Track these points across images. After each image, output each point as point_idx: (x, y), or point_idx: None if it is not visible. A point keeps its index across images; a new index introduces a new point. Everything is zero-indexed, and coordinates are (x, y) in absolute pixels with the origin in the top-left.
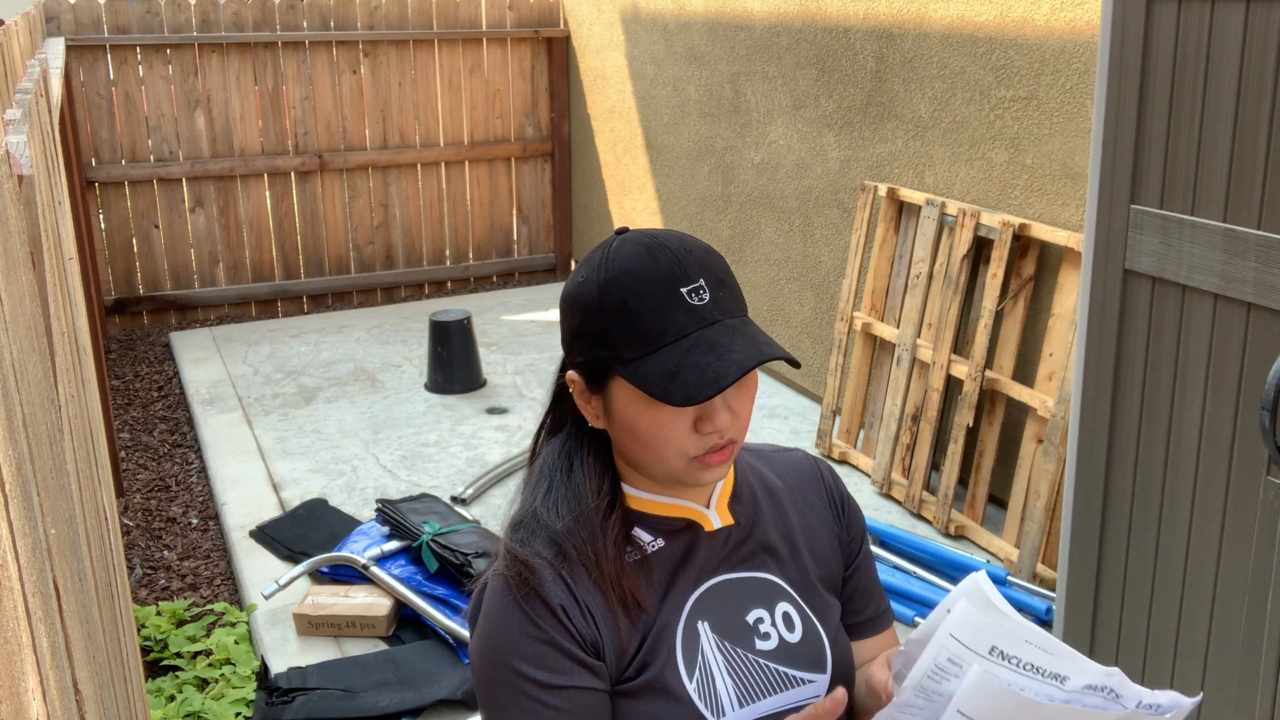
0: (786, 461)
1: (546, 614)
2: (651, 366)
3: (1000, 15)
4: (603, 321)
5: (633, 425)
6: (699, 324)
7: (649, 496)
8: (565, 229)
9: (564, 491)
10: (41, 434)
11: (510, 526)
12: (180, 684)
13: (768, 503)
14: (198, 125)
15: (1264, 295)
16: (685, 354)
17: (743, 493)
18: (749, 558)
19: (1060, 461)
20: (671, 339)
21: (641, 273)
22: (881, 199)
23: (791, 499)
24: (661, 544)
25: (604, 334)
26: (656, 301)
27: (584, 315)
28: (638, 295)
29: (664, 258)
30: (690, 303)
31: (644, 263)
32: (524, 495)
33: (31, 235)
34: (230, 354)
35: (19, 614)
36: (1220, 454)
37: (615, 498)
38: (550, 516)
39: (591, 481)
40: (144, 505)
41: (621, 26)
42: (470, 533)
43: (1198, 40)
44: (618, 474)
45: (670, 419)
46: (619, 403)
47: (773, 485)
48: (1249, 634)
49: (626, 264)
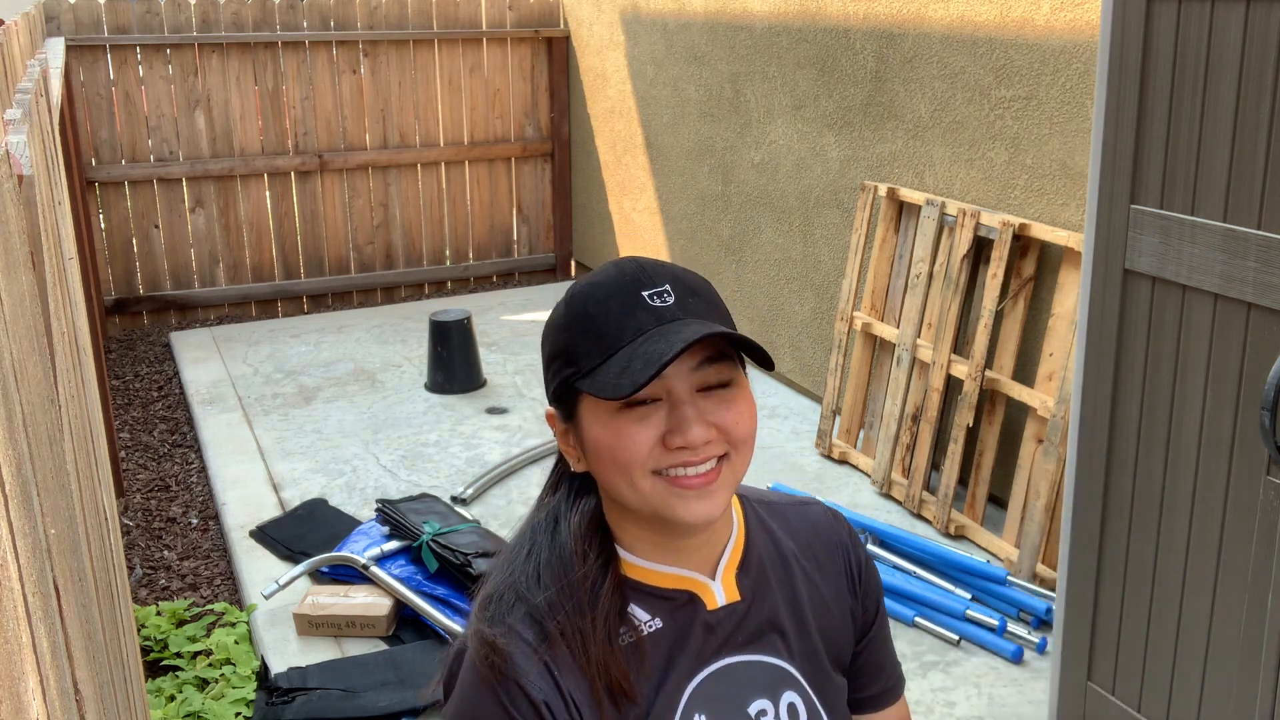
0: (802, 520)
1: (528, 710)
2: (607, 369)
3: (1000, 15)
4: (567, 336)
5: (598, 445)
6: (658, 322)
7: (646, 564)
8: (565, 229)
9: (546, 555)
10: (41, 434)
11: (482, 602)
12: (180, 684)
13: (778, 572)
14: (198, 125)
15: (1264, 295)
16: (639, 347)
17: (751, 561)
18: (754, 639)
19: (1060, 461)
20: (629, 339)
21: (604, 283)
22: (881, 199)
23: (804, 567)
24: (659, 624)
25: (568, 349)
26: (616, 304)
27: (553, 337)
28: (599, 302)
29: (629, 267)
30: (651, 304)
31: (609, 274)
32: (500, 562)
33: (31, 235)
34: (230, 354)
35: (19, 614)
36: (1220, 454)
37: (608, 563)
38: (530, 586)
39: (579, 542)
40: (144, 505)
41: (621, 26)
42: (470, 533)
43: (1198, 40)
44: (611, 535)
45: (633, 428)
46: (587, 426)
47: (785, 550)
48: (1249, 634)
49: (591, 278)
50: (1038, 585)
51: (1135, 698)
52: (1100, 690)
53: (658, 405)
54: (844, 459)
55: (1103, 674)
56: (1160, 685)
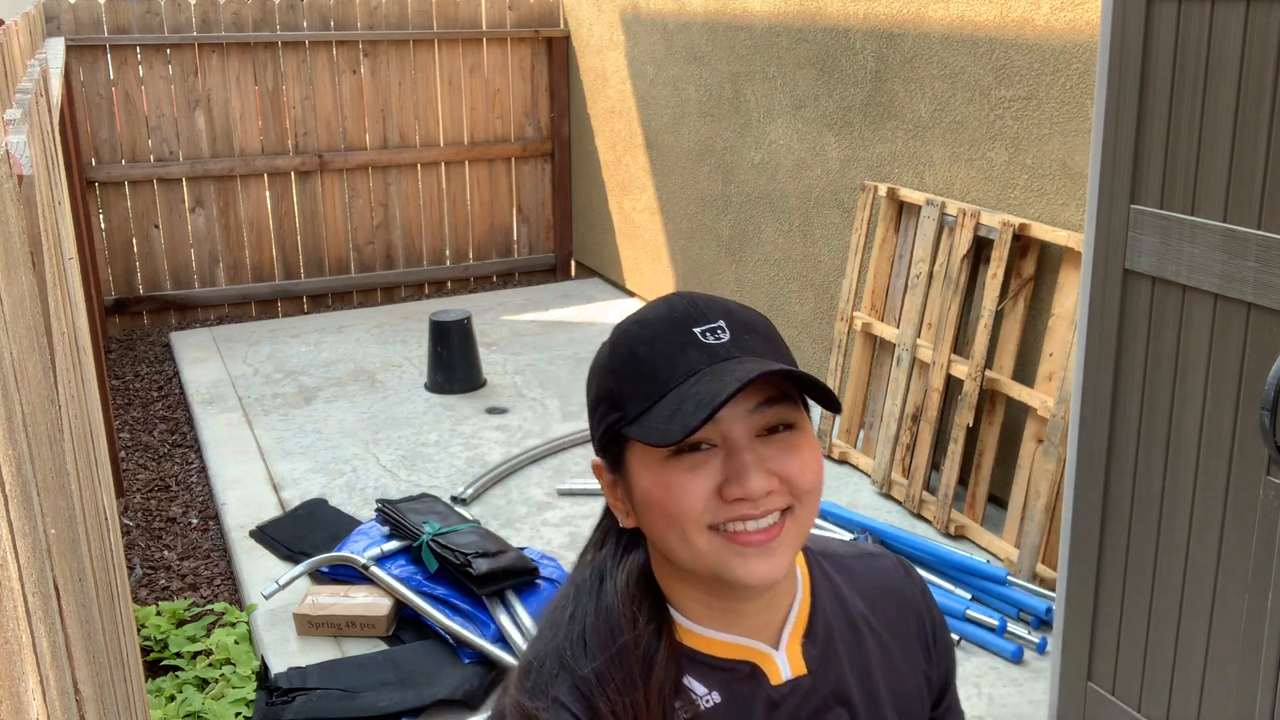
0: (872, 575)
1: None
2: (656, 413)
3: (1000, 15)
4: (613, 379)
5: (647, 497)
6: (711, 360)
7: (702, 630)
8: (565, 229)
9: (592, 619)
10: (41, 434)
11: (522, 668)
12: (180, 684)
13: (845, 637)
14: (198, 125)
15: (1264, 295)
16: (690, 388)
17: (818, 627)
18: (819, 713)
19: (1060, 461)
20: (680, 379)
21: (653, 321)
22: (881, 199)
23: (874, 629)
24: (717, 699)
25: (614, 393)
26: (665, 343)
27: (598, 380)
28: (646, 341)
29: (679, 303)
30: (704, 341)
31: (657, 311)
32: (542, 625)
33: (31, 235)
34: (230, 354)
35: (19, 614)
36: (1220, 454)
37: (660, 628)
38: (575, 654)
39: (627, 604)
40: (144, 505)
41: (621, 26)
42: (470, 533)
43: (1198, 40)
44: (662, 596)
45: (685, 478)
46: (635, 476)
47: (853, 611)
48: (1249, 634)
49: (639, 315)
50: (1038, 585)
51: (1135, 698)
52: (1100, 690)
53: (713, 452)
54: (844, 459)
55: (1103, 674)
56: (1160, 685)
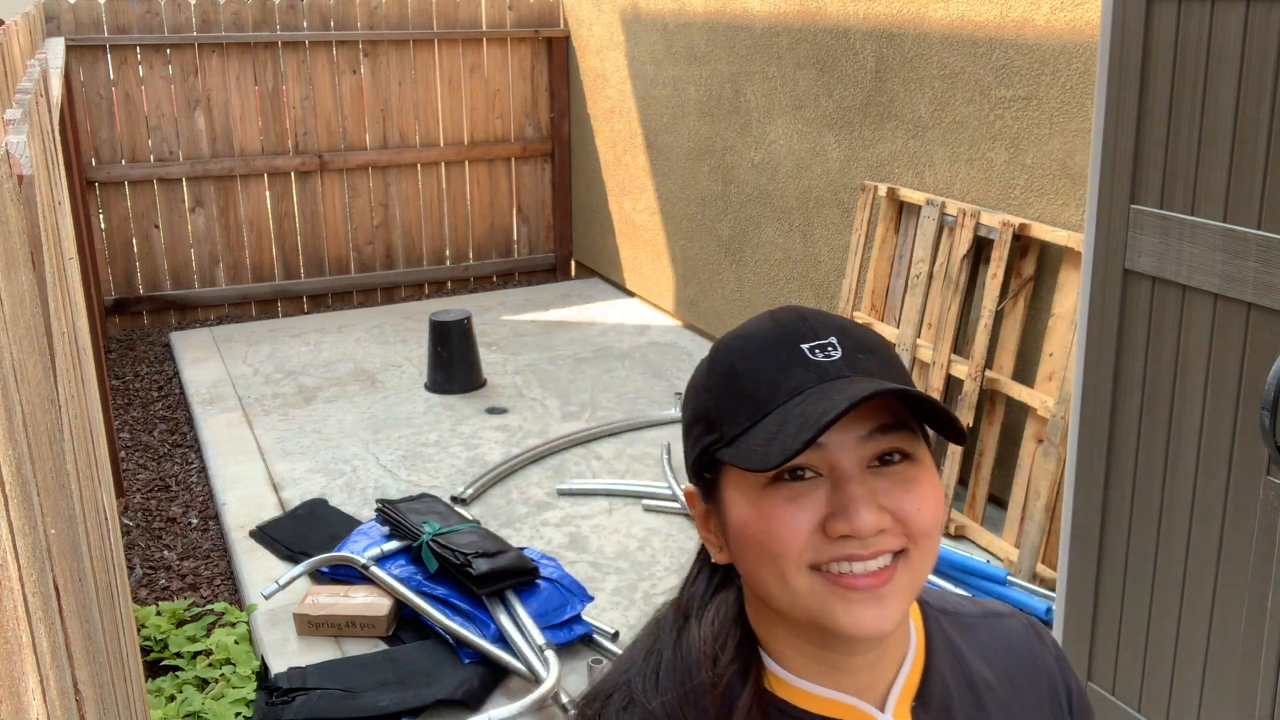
0: (998, 636)
1: None
2: (755, 434)
3: (1000, 15)
4: (709, 398)
5: (742, 529)
6: (820, 378)
7: (796, 681)
8: (565, 229)
9: (669, 655)
10: (41, 434)
11: (586, 698)
12: (180, 684)
13: (965, 705)
14: (198, 125)
15: (1264, 295)
16: (794, 408)
17: (932, 691)
18: None
19: (1060, 461)
20: (783, 398)
21: (756, 335)
22: (881, 199)
23: (999, 698)
24: None
25: (710, 413)
26: (769, 359)
27: (694, 399)
28: (748, 357)
29: (786, 317)
30: (813, 359)
31: (761, 325)
32: (615, 661)
33: (31, 235)
34: (230, 354)
35: (19, 614)
36: (1220, 454)
37: (747, 671)
38: (646, 688)
39: (709, 643)
40: (144, 505)
41: (621, 26)
42: (470, 533)
43: (1198, 40)
44: (753, 637)
45: (785, 509)
46: (730, 506)
47: (976, 677)
48: (1249, 634)
49: (741, 330)
50: (1038, 585)
51: (1135, 698)
52: (1100, 690)
53: (817, 482)
54: None
55: (1103, 674)
56: (1160, 685)
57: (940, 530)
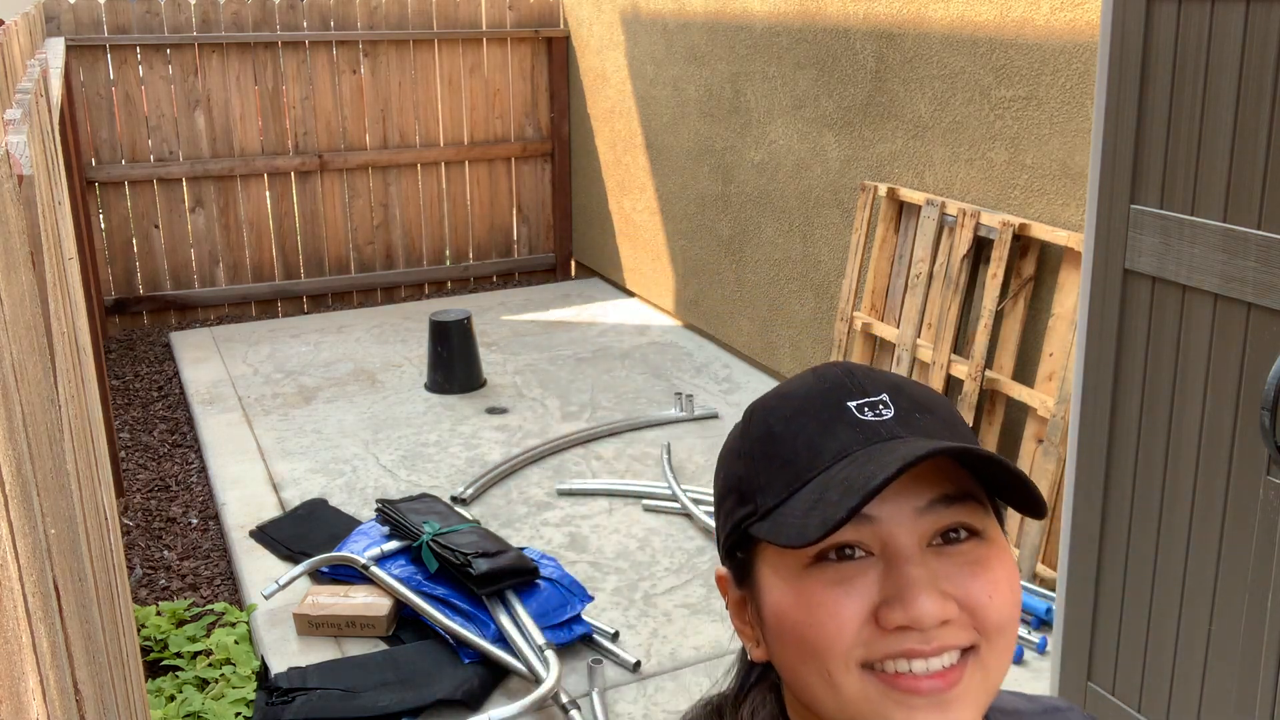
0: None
1: None
2: (793, 504)
3: (1000, 15)
4: (742, 464)
5: (780, 618)
6: (869, 440)
7: None
8: (565, 229)
9: None
10: (41, 434)
11: None
12: (180, 684)
13: None
14: (198, 125)
15: (1264, 295)
16: (838, 473)
17: None
18: None
19: (1060, 461)
20: (827, 463)
21: (796, 393)
22: (881, 199)
23: None
24: None
25: (743, 482)
26: (811, 419)
27: (726, 467)
28: (786, 418)
29: (831, 373)
30: (861, 418)
31: (804, 382)
32: None
33: (31, 235)
34: (230, 354)
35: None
36: (1220, 454)
37: None
38: None
39: None
40: (144, 505)
41: (621, 26)
42: (470, 533)
43: (1198, 40)
44: None
45: (830, 595)
46: (766, 592)
47: None
48: (1249, 634)
49: (781, 388)
50: (1038, 585)
51: (1135, 698)
52: (1100, 690)
53: (869, 562)
54: None
55: (1103, 674)
56: (1160, 685)
57: (1017, 624)
